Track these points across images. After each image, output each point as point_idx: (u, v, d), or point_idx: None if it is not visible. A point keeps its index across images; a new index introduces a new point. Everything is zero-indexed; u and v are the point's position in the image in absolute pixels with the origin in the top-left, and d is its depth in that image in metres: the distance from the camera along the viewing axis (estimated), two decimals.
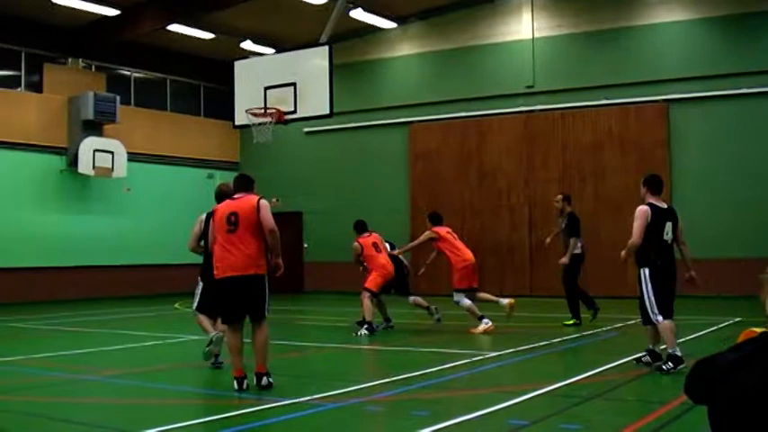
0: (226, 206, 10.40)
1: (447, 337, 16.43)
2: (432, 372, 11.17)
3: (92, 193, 28.87)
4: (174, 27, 27.78)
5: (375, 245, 17.84)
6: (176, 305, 14.88)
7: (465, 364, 11.95)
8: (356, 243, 17.85)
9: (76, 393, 10.42)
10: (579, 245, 17.70)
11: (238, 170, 33.57)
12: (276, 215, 10.41)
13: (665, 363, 10.81)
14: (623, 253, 11.16)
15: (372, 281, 17.30)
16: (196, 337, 11.19)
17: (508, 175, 27.89)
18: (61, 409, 9.31)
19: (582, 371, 10.83)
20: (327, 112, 18.80)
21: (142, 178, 28.96)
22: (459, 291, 16.79)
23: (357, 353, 14.27)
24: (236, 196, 10.50)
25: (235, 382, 9.94)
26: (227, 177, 32.57)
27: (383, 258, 17.79)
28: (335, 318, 20.74)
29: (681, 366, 10.60)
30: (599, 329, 16.30)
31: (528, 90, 27.73)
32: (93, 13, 26.85)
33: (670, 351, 10.81)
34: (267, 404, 8.97)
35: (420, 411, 8.66)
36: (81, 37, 28.66)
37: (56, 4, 25.57)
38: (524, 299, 25.38)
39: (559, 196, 18.26)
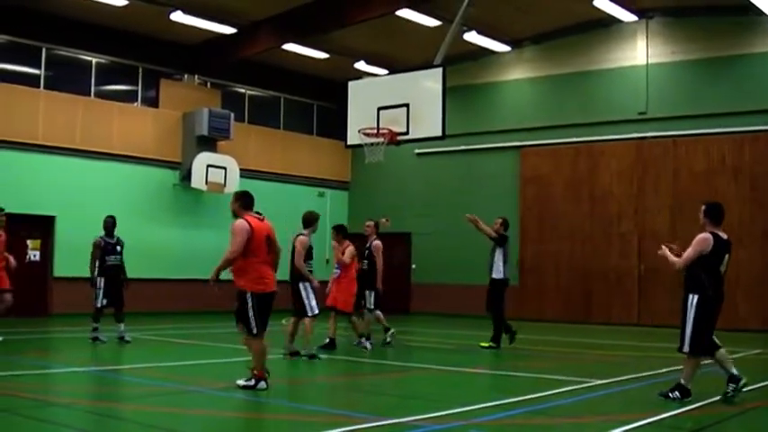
0: (263, 227, 11.74)
1: (553, 363, 16.30)
2: (536, 397, 11.10)
3: (203, 207, 29.26)
4: (289, 46, 28.08)
5: None
6: (283, 321, 14.96)
7: (570, 391, 11.84)
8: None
9: (184, 404, 10.55)
10: (502, 269, 17.91)
11: (349, 189, 33.81)
12: (385, 235, 10.53)
13: (673, 391, 11.01)
14: (667, 251, 11.37)
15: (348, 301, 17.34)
16: (302, 353, 11.37)
17: (619, 201, 27.51)
18: (168, 420, 9.48)
19: (689, 402, 10.64)
20: (440, 133, 18.71)
21: (253, 195, 29.14)
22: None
23: (461, 375, 14.22)
24: (258, 216, 11.16)
25: (264, 382, 11.35)
26: (339, 196, 32.98)
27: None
28: (441, 339, 20.70)
29: (687, 399, 10.83)
30: (710, 361, 16.01)
31: (640, 116, 27.38)
32: (209, 31, 27.35)
33: (682, 382, 11.04)
34: (369, 423, 8.99)
35: None
36: (197, 54, 29.24)
37: (174, 22, 26.12)
38: (632, 328, 25.11)
39: (499, 219, 18.72)
